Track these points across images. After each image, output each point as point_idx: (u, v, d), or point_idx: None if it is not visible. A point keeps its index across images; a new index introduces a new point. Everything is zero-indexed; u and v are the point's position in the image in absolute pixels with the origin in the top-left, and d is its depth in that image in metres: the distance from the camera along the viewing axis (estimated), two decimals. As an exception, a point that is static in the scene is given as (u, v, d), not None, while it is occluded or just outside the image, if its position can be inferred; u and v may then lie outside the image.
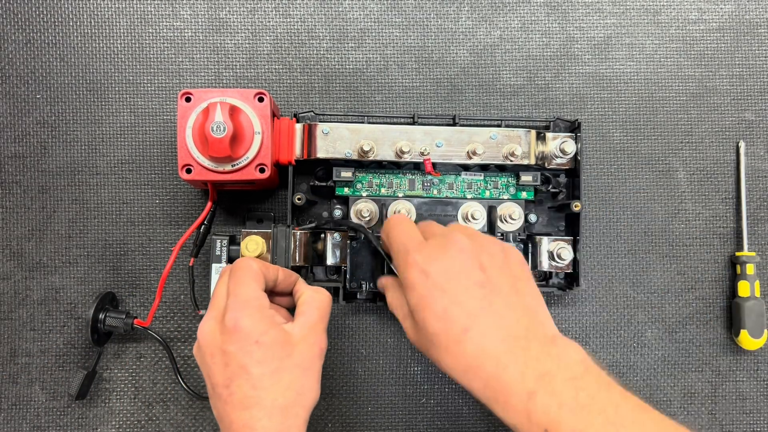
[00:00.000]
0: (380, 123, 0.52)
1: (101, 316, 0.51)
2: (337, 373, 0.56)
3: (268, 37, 0.57)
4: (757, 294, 0.55)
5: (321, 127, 0.50)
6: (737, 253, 0.56)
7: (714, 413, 0.56)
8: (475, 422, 0.56)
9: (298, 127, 0.51)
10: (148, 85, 0.56)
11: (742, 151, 0.58)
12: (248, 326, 0.39)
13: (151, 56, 0.56)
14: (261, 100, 0.48)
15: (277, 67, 0.57)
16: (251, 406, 0.38)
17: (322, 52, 0.57)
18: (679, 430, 0.33)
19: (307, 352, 0.41)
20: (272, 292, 0.45)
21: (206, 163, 0.47)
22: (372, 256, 0.50)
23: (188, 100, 0.48)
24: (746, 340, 0.54)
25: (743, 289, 0.55)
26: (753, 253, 0.56)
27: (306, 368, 0.40)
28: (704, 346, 0.57)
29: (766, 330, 0.55)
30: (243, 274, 0.42)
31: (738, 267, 0.56)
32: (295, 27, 0.57)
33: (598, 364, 0.36)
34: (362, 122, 0.52)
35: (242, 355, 0.39)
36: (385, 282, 0.46)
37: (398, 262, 0.40)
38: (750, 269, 0.55)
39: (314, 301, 0.43)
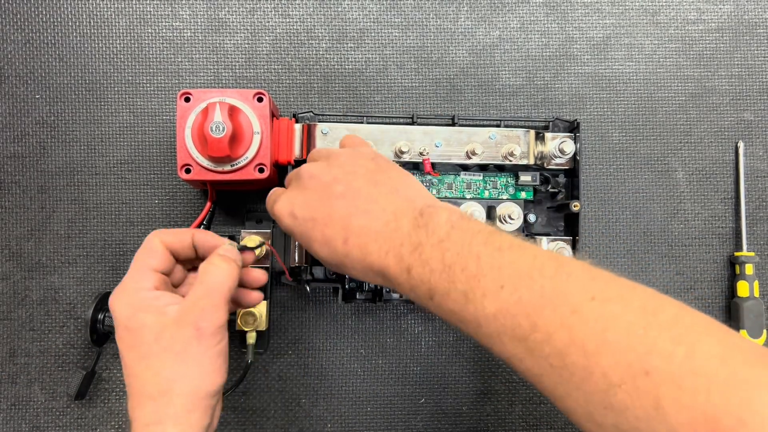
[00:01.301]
0: (379, 123, 0.52)
1: (100, 316, 0.51)
2: (336, 373, 0.56)
3: (267, 38, 0.57)
4: (756, 294, 0.55)
5: (320, 128, 0.50)
6: (736, 253, 0.56)
7: (713, 413, 0.56)
8: (474, 422, 0.56)
9: (298, 127, 0.51)
10: (148, 85, 0.56)
11: (741, 151, 0.58)
12: (118, 310, 0.38)
13: (151, 56, 0.57)
14: (260, 100, 0.48)
15: (276, 67, 0.57)
16: (129, 395, 0.38)
17: (321, 53, 0.57)
18: (534, 261, 0.33)
19: (179, 335, 0.37)
20: (197, 258, 0.43)
21: (205, 163, 0.47)
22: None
23: (187, 100, 0.48)
24: (745, 340, 0.54)
25: (742, 289, 0.55)
26: (752, 253, 0.56)
27: (177, 352, 0.37)
28: (703, 346, 0.57)
29: (765, 330, 0.55)
30: (138, 254, 0.41)
31: (737, 267, 0.56)
32: (295, 27, 0.57)
33: (464, 218, 0.36)
34: (361, 122, 0.52)
35: (118, 341, 0.38)
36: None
37: (277, 221, 0.41)
38: (749, 269, 0.55)
39: (205, 275, 0.39)
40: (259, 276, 0.45)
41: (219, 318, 0.38)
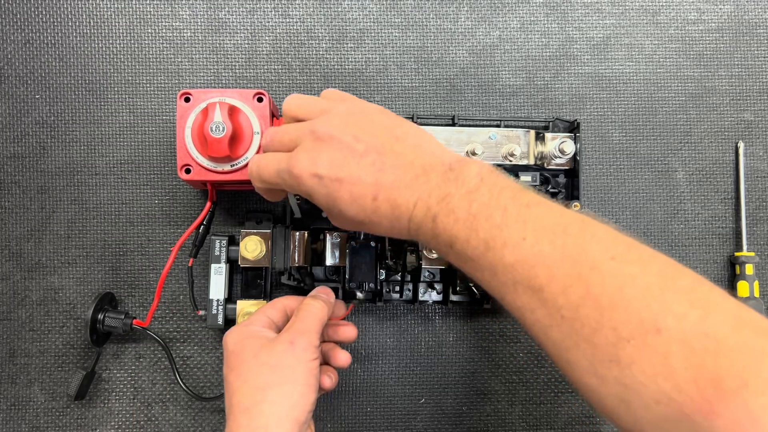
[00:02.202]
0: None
1: (100, 316, 0.51)
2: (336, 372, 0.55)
3: (267, 38, 0.57)
4: (756, 294, 0.55)
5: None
6: (736, 254, 0.56)
7: (713, 413, 0.56)
8: (474, 422, 0.56)
9: (298, 127, 0.51)
10: (148, 85, 0.56)
11: (741, 151, 0.58)
12: (227, 341, 0.43)
13: (151, 56, 0.56)
14: (260, 100, 0.48)
15: (276, 67, 0.57)
16: (227, 415, 0.41)
17: (321, 53, 0.57)
18: (561, 218, 0.34)
19: (276, 349, 0.42)
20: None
21: (205, 163, 0.47)
22: (371, 258, 0.50)
23: (187, 100, 0.48)
24: (745, 340, 0.54)
25: (742, 289, 0.55)
26: (752, 254, 0.56)
27: (273, 365, 0.41)
28: (703, 346, 0.57)
29: (765, 330, 0.55)
30: (262, 307, 0.47)
31: (737, 267, 0.56)
32: (295, 27, 0.57)
33: (494, 172, 0.36)
34: (361, 122, 0.52)
35: (225, 369, 0.43)
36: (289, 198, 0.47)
37: (289, 185, 0.39)
38: (749, 269, 0.55)
39: (300, 309, 0.45)
40: (350, 332, 0.50)
41: (311, 338, 0.43)
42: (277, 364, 0.41)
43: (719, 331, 0.29)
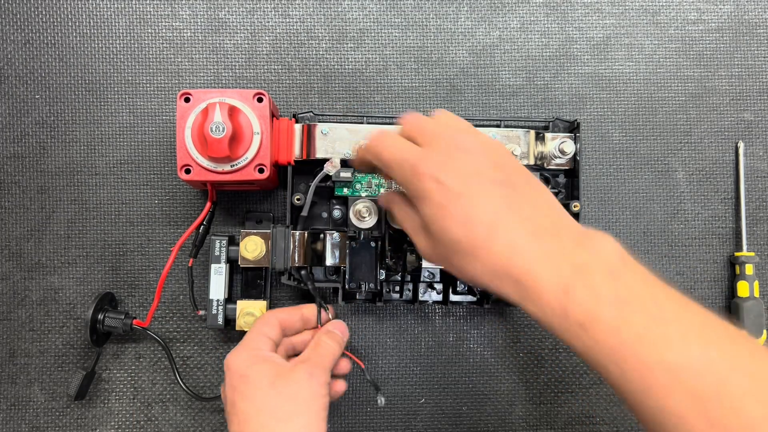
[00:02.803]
0: (379, 123, 0.52)
1: (100, 316, 0.51)
2: (336, 373, 0.56)
3: (267, 38, 0.57)
4: (756, 294, 0.55)
5: (320, 128, 0.50)
6: (736, 254, 0.56)
7: (713, 413, 0.56)
8: (474, 422, 0.56)
9: (297, 127, 0.51)
10: (147, 85, 0.56)
11: (741, 151, 0.58)
12: (235, 363, 0.42)
13: (150, 56, 0.56)
14: (260, 100, 0.48)
15: (276, 67, 0.57)
16: None
17: (321, 53, 0.57)
18: (724, 327, 0.31)
19: (294, 379, 0.41)
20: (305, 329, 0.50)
21: (205, 163, 0.47)
22: (371, 258, 0.50)
23: (187, 100, 0.48)
24: (745, 340, 0.54)
25: (742, 289, 0.55)
26: (752, 254, 0.56)
27: (291, 396, 0.40)
28: (703, 346, 0.57)
29: (765, 330, 0.55)
30: (255, 326, 0.46)
31: (737, 267, 0.56)
32: (294, 27, 0.57)
33: (632, 254, 0.34)
34: (361, 122, 0.52)
35: (231, 392, 0.41)
36: (388, 197, 0.43)
37: (404, 178, 0.36)
38: (749, 269, 0.55)
39: (318, 345, 0.45)
40: (344, 365, 0.50)
41: (326, 376, 0.43)
42: (295, 396, 0.40)
43: None
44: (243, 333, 0.50)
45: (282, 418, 0.39)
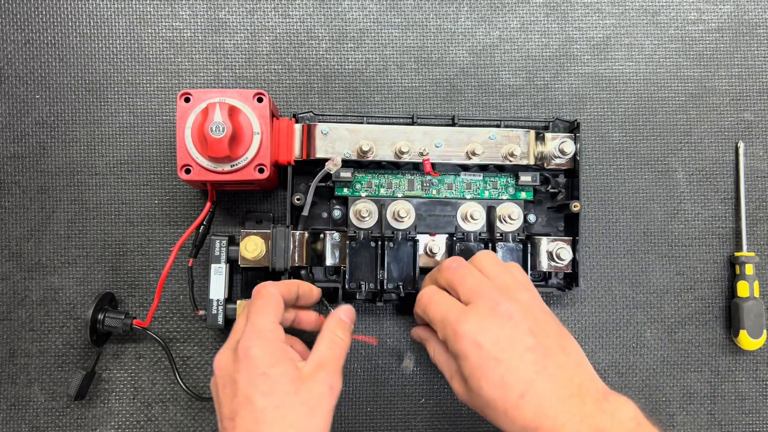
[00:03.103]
0: (379, 123, 0.52)
1: (100, 316, 0.51)
2: (336, 373, 0.56)
3: (267, 38, 0.57)
4: (756, 294, 0.55)
5: (320, 128, 0.50)
6: (736, 254, 0.56)
7: (713, 413, 0.56)
8: (474, 422, 0.56)
9: (297, 127, 0.51)
10: (147, 85, 0.56)
11: (741, 151, 0.58)
12: (258, 356, 0.39)
13: (150, 56, 0.56)
14: (260, 100, 0.48)
15: (276, 67, 0.57)
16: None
17: (321, 53, 0.57)
18: None
19: (316, 390, 0.39)
20: (295, 306, 0.47)
21: (205, 163, 0.47)
22: (371, 258, 0.50)
23: (187, 100, 0.48)
24: (745, 340, 0.54)
25: (742, 289, 0.55)
26: (752, 254, 0.56)
27: (312, 407, 0.39)
28: (703, 346, 0.57)
29: (765, 330, 0.55)
30: (263, 303, 0.42)
31: (737, 267, 0.56)
32: (295, 27, 0.57)
33: (649, 419, 0.37)
34: (361, 122, 0.52)
35: (248, 386, 0.38)
36: (423, 335, 0.47)
37: (445, 333, 0.40)
38: (749, 269, 0.55)
39: (330, 337, 0.43)
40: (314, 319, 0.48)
41: (341, 379, 0.42)
42: (316, 407, 0.39)
43: None
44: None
45: (302, 429, 0.38)
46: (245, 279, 0.54)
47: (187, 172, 0.48)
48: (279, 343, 0.40)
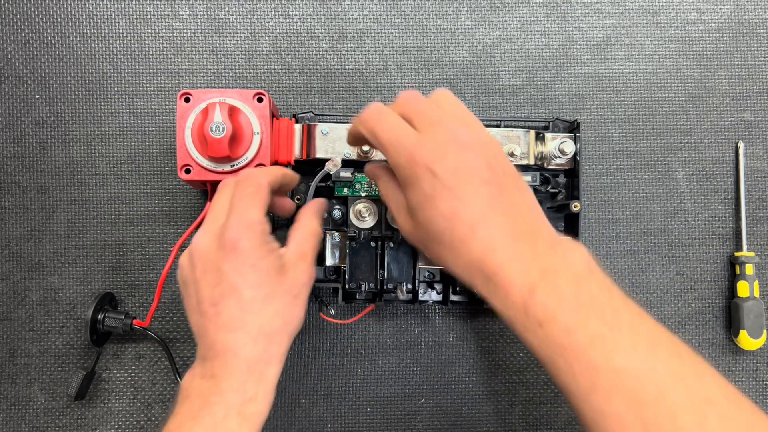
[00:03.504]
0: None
1: (100, 316, 0.51)
2: (336, 373, 0.56)
3: (267, 38, 0.57)
4: (756, 294, 0.55)
5: (320, 128, 0.50)
6: (736, 254, 0.56)
7: (713, 413, 0.56)
8: (474, 422, 0.56)
9: (297, 127, 0.51)
10: (147, 85, 0.56)
11: (741, 151, 0.58)
12: (247, 248, 0.38)
13: (150, 56, 0.56)
14: (260, 100, 0.48)
15: (276, 67, 0.57)
16: (237, 329, 0.38)
17: (321, 53, 0.57)
18: (673, 342, 0.33)
19: (298, 279, 0.40)
20: (274, 192, 0.45)
21: (205, 163, 0.47)
22: (371, 258, 0.50)
23: (187, 100, 0.48)
24: (745, 340, 0.54)
25: (742, 289, 0.55)
26: (752, 254, 0.56)
27: (295, 295, 0.40)
28: (703, 346, 0.57)
29: (765, 330, 0.55)
30: (252, 192, 0.40)
31: (737, 267, 0.56)
32: (295, 27, 0.57)
33: (601, 267, 0.36)
34: (361, 122, 0.52)
35: (236, 276, 0.38)
36: (374, 171, 0.44)
37: (398, 161, 0.37)
38: (749, 269, 0.55)
39: (308, 229, 0.43)
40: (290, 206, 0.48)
41: (315, 270, 0.43)
42: (298, 295, 0.40)
43: None
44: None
45: (287, 319, 0.40)
46: (245, 279, 0.53)
47: (187, 172, 0.48)
48: (266, 235, 0.40)
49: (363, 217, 0.51)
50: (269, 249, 0.40)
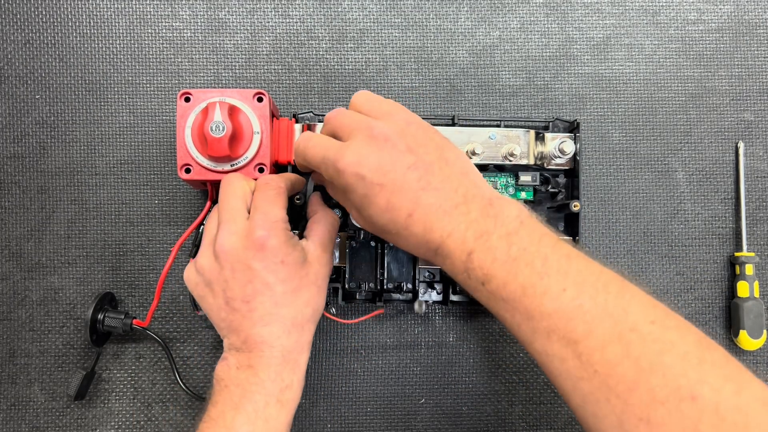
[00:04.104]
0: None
1: (100, 316, 0.51)
2: (336, 373, 0.56)
3: (267, 38, 0.57)
4: (756, 294, 0.55)
5: (320, 128, 0.50)
6: (736, 254, 0.56)
7: (713, 413, 0.56)
8: (474, 422, 0.56)
9: (298, 127, 0.51)
10: (148, 85, 0.56)
11: (741, 151, 0.58)
12: (275, 246, 0.41)
13: (151, 56, 0.56)
14: (260, 100, 0.48)
15: (276, 67, 0.57)
16: (271, 322, 0.41)
17: (321, 53, 0.57)
18: (601, 277, 0.35)
19: (321, 270, 0.44)
20: None
21: (205, 162, 0.47)
22: (371, 258, 0.50)
23: (187, 100, 0.48)
24: (745, 340, 0.54)
25: (742, 289, 0.55)
26: (752, 254, 0.56)
27: (320, 286, 0.44)
28: (703, 346, 0.57)
29: (765, 330, 0.55)
30: (275, 194, 0.43)
31: (737, 267, 0.56)
32: (295, 27, 0.57)
33: (537, 217, 0.38)
34: (361, 122, 0.52)
35: (267, 273, 0.41)
36: (321, 180, 0.47)
37: (328, 173, 0.40)
38: (749, 270, 0.55)
39: (326, 221, 0.46)
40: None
41: (333, 260, 0.47)
42: (321, 285, 0.44)
43: (750, 407, 0.30)
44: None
45: (316, 309, 0.44)
46: (245, 279, 0.53)
47: (187, 171, 0.48)
48: (289, 232, 0.43)
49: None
50: (293, 244, 0.43)
